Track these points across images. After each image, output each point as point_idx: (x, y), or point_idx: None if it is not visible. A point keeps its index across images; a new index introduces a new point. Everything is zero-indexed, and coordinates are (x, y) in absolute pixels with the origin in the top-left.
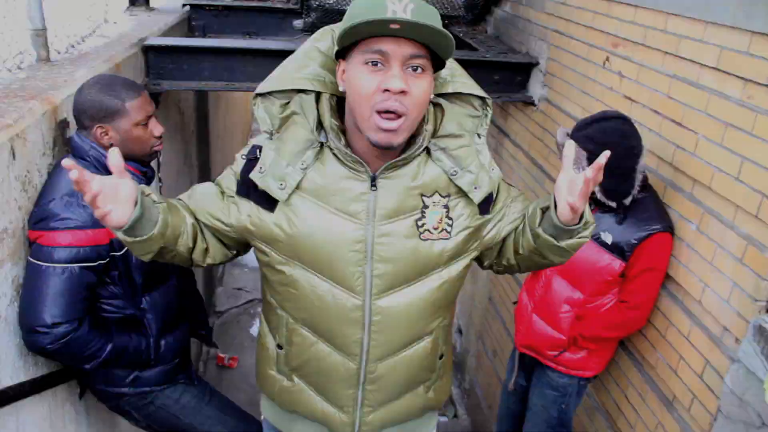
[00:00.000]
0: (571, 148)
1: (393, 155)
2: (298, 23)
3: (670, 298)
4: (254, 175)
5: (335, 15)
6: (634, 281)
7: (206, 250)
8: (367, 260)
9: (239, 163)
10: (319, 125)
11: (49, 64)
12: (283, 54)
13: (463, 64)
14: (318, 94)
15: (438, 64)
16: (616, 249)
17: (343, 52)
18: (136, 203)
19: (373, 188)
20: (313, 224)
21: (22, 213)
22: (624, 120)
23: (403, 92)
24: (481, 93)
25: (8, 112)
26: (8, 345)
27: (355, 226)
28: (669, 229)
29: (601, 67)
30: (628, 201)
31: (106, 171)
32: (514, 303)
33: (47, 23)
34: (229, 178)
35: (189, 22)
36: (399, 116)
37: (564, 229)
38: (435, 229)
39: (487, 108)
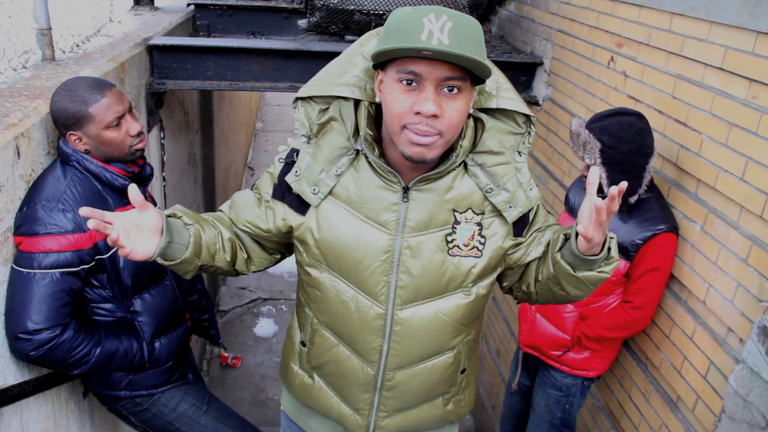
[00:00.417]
0: (595, 174)
1: (426, 168)
2: (302, 23)
3: (675, 299)
4: (289, 178)
5: (340, 14)
6: (638, 281)
7: (248, 259)
8: (393, 271)
9: (277, 166)
10: (357, 132)
11: (54, 64)
12: (287, 54)
13: None
14: (357, 101)
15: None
16: (620, 249)
17: (381, 63)
18: (163, 231)
19: (405, 200)
20: (342, 231)
21: None
22: (640, 117)
23: (434, 116)
24: (526, 110)
25: (13, 111)
26: None
27: (384, 236)
28: (673, 229)
29: (606, 67)
30: (633, 200)
31: (91, 175)
32: (518, 303)
33: (52, 23)
34: (266, 181)
35: (193, 22)
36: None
37: (582, 258)
38: (465, 246)
39: (531, 126)
